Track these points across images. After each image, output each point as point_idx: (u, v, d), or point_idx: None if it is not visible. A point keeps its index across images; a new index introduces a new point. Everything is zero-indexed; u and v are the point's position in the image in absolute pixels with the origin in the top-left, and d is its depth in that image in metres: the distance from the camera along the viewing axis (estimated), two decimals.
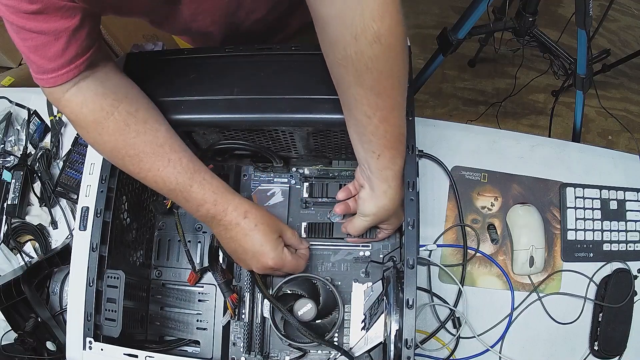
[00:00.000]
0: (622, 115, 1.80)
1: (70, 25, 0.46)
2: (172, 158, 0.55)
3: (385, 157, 0.53)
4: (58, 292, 0.75)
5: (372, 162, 0.54)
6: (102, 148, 0.56)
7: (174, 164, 0.55)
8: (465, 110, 1.82)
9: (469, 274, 0.75)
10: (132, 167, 0.55)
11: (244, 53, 0.61)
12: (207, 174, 0.57)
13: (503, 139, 0.80)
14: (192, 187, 0.56)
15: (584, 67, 1.13)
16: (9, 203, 0.80)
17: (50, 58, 0.47)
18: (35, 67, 0.49)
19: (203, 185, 0.56)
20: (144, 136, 0.54)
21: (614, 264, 0.76)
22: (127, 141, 0.53)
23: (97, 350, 0.56)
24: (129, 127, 0.53)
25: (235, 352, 0.68)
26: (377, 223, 0.62)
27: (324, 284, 0.65)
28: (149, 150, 0.54)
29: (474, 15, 1.12)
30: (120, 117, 0.53)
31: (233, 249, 0.60)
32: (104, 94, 0.52)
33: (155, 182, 0.56)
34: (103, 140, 0.54)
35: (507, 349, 0.72)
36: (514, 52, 1.60)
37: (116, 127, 0.53)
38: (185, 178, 0.55)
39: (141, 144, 0.54)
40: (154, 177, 0.55)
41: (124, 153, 0.54)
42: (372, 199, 0.57)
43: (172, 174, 0.55)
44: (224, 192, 0.58)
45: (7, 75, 1.20)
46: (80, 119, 0.53)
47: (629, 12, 2.00)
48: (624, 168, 0.80)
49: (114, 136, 0.53)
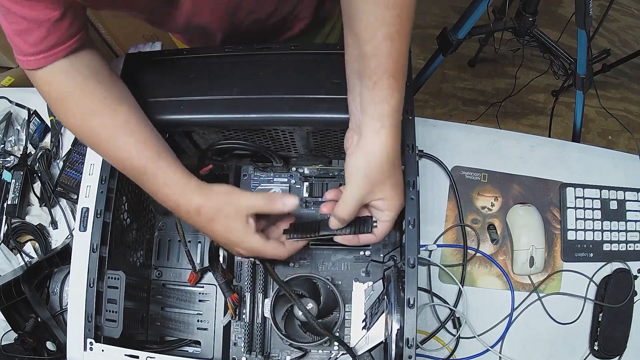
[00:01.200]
0: (622, 115, 1.80)
1: (53, 16, 0.48)
2: (127, 142, 0.53)
3: (383, 85, 0.46)
4: (58, 292, 0.75)
5: (366, 94, 0.47)
6: (68, 127, 0.57)
7: (129, 149, 0.53)
8: (465, 110, 1.82)
9: (469, 274, 0.75)
10: (95, 149, 0.56)
11: (243, 53, 0.61)
12: (162, 161, 0.53)
13: (503, 139, 0.80)
14: (145, 175, 0.53)
15: (584, 67, 1.13)
16: (9, 203, 0.80)
17: (31, 43, 0.49)
18: (17, 49, 0.51)
19: (156, 176, 0.53)
20: (102, 119, 0.53)
21: (614, 264, 0.76)
22: (86, 124, 0.54)
23: (97, 351, 0.56)
24: (91, 109, 0.53)
25: (236, 352, 0.68)
26: (369, 194, 0.50)
27: (325, 283, 0.65)
28: (104, 135, 0.53)
29: (474, 15, 1.12)
30: (85, 101, 0.53)
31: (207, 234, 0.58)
32: (75, 77, 0.53)
33: (115, 165, 0.56)
34: (68, 121, 0.55)
35: (507, 349, 0.72)
36: (514, 52, 1.60)
37: (78, 109, 0.53)
38: (139, 166, 0.53)
39: (98, 127, 0.53)
40: (113, 161, 0.55)
41: (86, 135, 0.55)
42: (360, 150, 0.48)
43: (126, 159, 0.53)
44: (175, 183, 0.53)
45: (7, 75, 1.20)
46: (48, 97, 0.55)
47: (629, 12, 2.00)
48: (624, 168, 0.80)
49: (76, 118, 0.54)
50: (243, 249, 0.55)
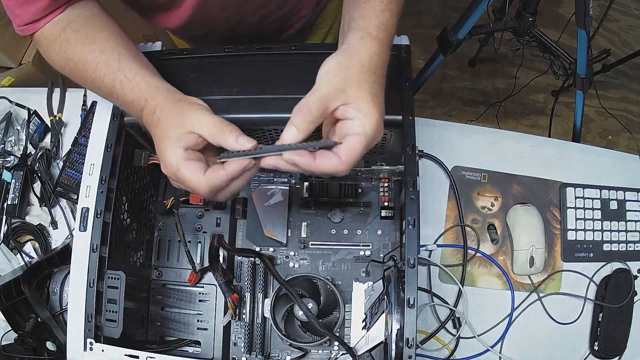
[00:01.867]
0: (622, 115, 1.80)
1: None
2: (100, 60, 0.52)
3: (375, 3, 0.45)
4: (58, 292, 0.75)
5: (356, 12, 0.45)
6: (57, 67, 0.56)
7: (101, 66, 0.52)
8: (465, 110, 1.82)
9: (469, 274, 0.75)
10: (80, 78, 0.55)
11: (243, 53, 0.61)
12: (131, 71, 0.51)
13: (503, 139, 0.80)
14: (114, 87, 0.51)
15: (584, 67, 1.13)
16: (9, 203, 0.80)
17: (34, 12, 0.52)
18: (19, 20, 0.53)
19: (123, 84, 0.50)
20: (81, 47, 0.53)
21: (614, 264, 0.76)
22: (67, 55, 0.54)
23: (97, 351, 0.56)
24: (70, 42, 0.53)
25: (236, 352, 0.68)
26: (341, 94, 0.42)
27: (325, 283, 0.65)
28: (82, 59, 0.53)
29: (474, 15, 1.12)
30: (65, 36, 0.54)
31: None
32: (60, 21, 0.54)
33: (95, 89, 0.54)
34: (54, 60, 0.56)
35: (507, 349, 0.72)
36: (514, 52, 1.60)
37: (60, 45, 0.54)
38: (109, 79, 0.51)
39: (77, 55, 0.53)
40: (92, 85, 0.54)
41: (69, 67, 0.54)
42: (341, 52, 0.44)
43: (98, 77, 0.52)
44: (144, 88, 0.50)
45: (7, 75, 1.20)
46: (40, 48, 0.57)
47: (629, 12, 2.00)
48: (624, 168, 0.80)
49: (59, 54, 0.54)
50: (162, 163, 0.47)
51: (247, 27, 0.73)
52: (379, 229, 0.71)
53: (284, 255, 0.71)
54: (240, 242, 0.72)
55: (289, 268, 0.71)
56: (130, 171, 0.64)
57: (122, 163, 0.61)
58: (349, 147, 0.42)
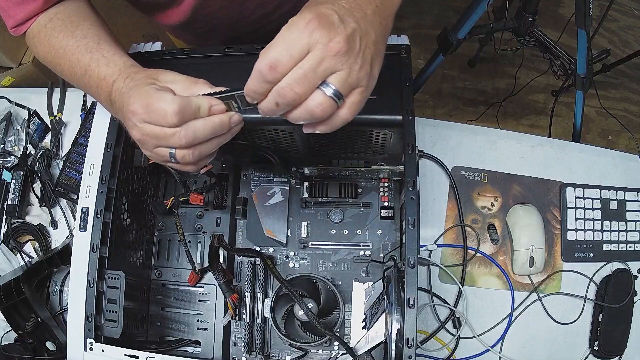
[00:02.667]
0: (622, 115, 1.80)
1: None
2: (81, 44, 0.52)
3: None
4: (58, 292, 0.75)
5: None
6: (41, 57, 0.57)
7: (80, 49, 0.51)
8: (465, 110, 1.82)
9: (469, 274, 0.75)
10: (61, 66, 0.54)
11: (243, 53, 0.61)
12: (109, 51, 0.50)
13: (503, 139, 0.80)
14: (89, 66, 0.50)
15: (584, 67, 1.13)
16: (9, 203, 0.80)
17: (30, 12, 0.53)
18: (13, 20, 0.54)
19: (99, 61, 0.50)
20: (64, 34, 0.53)
21: (614, 264, 0.76)
22: (51, 43, 0.54)
23: (97, 351, 0.56)
24: (54, 30, 0.54)
25: (236, 352, 0.68)
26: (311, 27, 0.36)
27: (325, 283, 0.65)
28: (64, 45, 0.53)
29: (474, 15, 1.12)
30: (51, 25, 0.54)
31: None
32: (47, 13, 0.55)
33: (70, 73, 0.53)
34: (38, 50, 0.56)
35: (507, 349, 0.72)
36: (514, 52, 1.60)
37: (45, 34, 0.54)
38: (86, 58, 0.51)
39: (59, 42, 0.53)
40: (69, 70, 0.53)
41: (51, 55, 0.54)
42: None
43: (77, 60, 0.51)
44: (119, 62, 0.50)
45: (7, 75, 1.20)
46: (29, 43, 0.57)
47: (629, 12, 2.00)
48: (624, 168, 0.80)
49: (44, 43, 0.55)
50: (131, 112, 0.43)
51: (247, 25, 0.73)
52: (379, 229, 0.71)
53: (284, 255, 0.71)
54: (240, 242, 0.72)
55: (289, 268, 0.71)
56: (130, 171, 0.64)
57: (122, 163, 0.61)
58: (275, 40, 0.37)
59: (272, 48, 0.37)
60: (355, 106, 0.40)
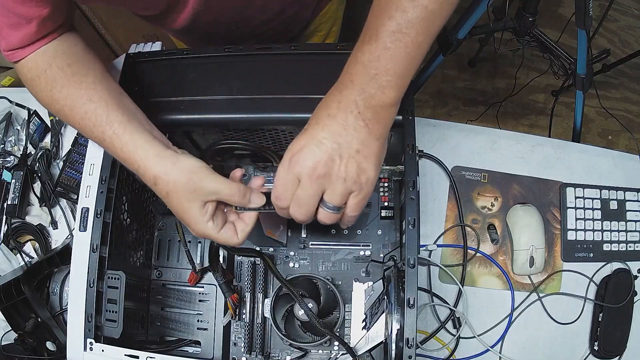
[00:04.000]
0: (622, 115, 1.80)
1: (42, 13, 0.50)
2: (89, 109, 0.51)
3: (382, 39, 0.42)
4: (58, 292, 0.75)
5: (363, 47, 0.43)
6: (42, 103, 0.56)
7: (89, 115, 0.52)
8: (465, 110, 1.82)
9: (469, 274, 0.75)
10: (67, 120, 0.55)
11: (243, 53, 0.61)
12: (120, 125, 0.51)
13: (503, 139, 0.80)
14: (104, 141, 0.51)
15: (584, 67, 1.13)
16: (9, 203, 0.80)
17: (20, 38, 0.52)
18: (6, 42, 0.53)
19: (113, 140, 0.51)
20: (68, 89, 0.52)
21: (614, 264, 0.76)
22: (53, 96, 0.53)
23: (97, 351, 0.56)
24: (56, 81, 0.53)
25: (236, 352, 0.68)
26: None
27: (325, 283, 0.65)
28: (69, 103, 0.52)
29: (474, 15, 1.12)
30: (51, 73, 0.53)
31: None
32: (45, 53, 0.54)
33: (85, 135, 0.54)
34: (39, 96, 0.55)
35: (507, 349, 0.72)
36: (514, 52, 1.60)
37: (46, 82, 0.53)
38: (98, 132, 0.51)
39: (63, 98, 0.53)
40: (81, 131, 0.54)
41: (55, 107, 0.54)
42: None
43: (87, 126, 0.52)
44: (133, 150, 0.50)
45: (7, 75, 1.20)
46: (23, 77, 0.56)
47: (629, 12, 2.00)
48: (624, 168, 0.80)
49: (44, 92, 0.54)
50: (194, 231, 0.51)
51: (248, 30, 0.73)
52: (379, 229, 0.71)
53: (284, 255, 0.71)
54: None
55: (289, 268, 0.71)
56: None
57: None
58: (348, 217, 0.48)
59: (274, 186, 0.47)
60: (356, 206, 0.46)
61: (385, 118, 0.44)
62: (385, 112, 0.44)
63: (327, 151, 0.43)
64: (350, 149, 0.43)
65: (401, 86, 0.43)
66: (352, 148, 0.43)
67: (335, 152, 0.43)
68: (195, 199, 0.48)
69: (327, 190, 0.44)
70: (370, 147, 0.44)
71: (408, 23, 0.41)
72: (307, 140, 0.44)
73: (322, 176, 0.43)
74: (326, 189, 0.44)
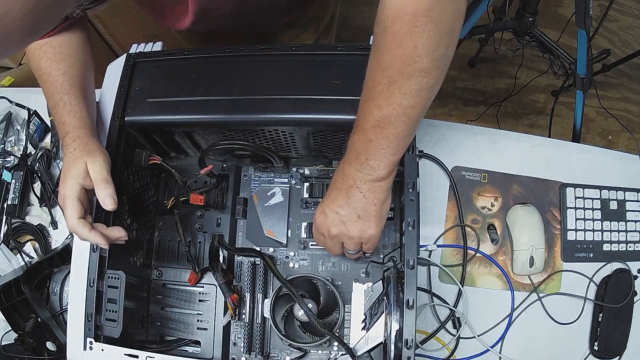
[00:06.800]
0: (622, 115, 1.80)
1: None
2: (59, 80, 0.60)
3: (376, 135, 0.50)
4: (58, 292, 0.75)
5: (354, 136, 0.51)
6: (32, 68, 0.64)
7: (57, 84, 0.59)
8: (465, 110, 1.82)
9: (469, 274, 0.75)
10: (41, 83, 0.62)
11: (243, 53, 0.61)
12: (75, 99, 0.59)
13: (503, 139, 0.80)
14: (57, 105, 0.59)
15: (584, 67, 1.13)
16: (9, 203, 0.80)
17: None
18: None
19: (64, 106, 0.58)
20: (51, 62, 0.60)
21: (614, 264, 0.76)
22: (40, 64, 0.61)
23: (97, 350, 0.56)
24: (46, 54, 0.61)
25: (236, 352, 0.68)
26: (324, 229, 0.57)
27: (325, 284, 0.65)
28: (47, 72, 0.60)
29: (474, 15, 1.12)
30: (45, 48, 0.61)
31: None
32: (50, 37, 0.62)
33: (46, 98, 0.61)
34: (30, 63, 0.63)
35: (507, 349, 0.72)
36: (514, 52, 1.60)
37: (38, 54, 0.61)
38: (58, 97, 0.59)
39: (46, 67, 0.61)
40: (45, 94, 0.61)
41: (37, 74, 0.62)
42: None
43: (50, 91, 0.60)
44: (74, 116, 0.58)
45: (7, 75, 1.20)
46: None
47: (629, 12, 2.00)
48: (624, 168, 0.80)
49: (35, 60, 0.62)
50: (61, 184, 0.56)
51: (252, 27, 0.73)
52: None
53: (284, 255, 0.71)
54: (240, 242, 0.72)
55: (289, 268, 0.71)
56: (130, 171, 0.64)
57: (122, 163, 0.61)
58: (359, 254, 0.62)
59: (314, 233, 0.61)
60: (369, 249, 0.58)
61: (380, 189, 0.53)
62: (379, 184, 0.52)
63: (334, 221, 0.55)
64: (352, 216, 0.54)
65: (390, 165, 0.51)
66: (354, 215, 0.54)
67: (341, 220, 0.55)
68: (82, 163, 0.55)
69: (343, 242, 0.57)
70: (368, 212, 0.53)
71: (385, 119, 0.48)
72: (321, 211, 0.56)
73: (336, 236, 0.56)
74: (342, 241, 0.57)
